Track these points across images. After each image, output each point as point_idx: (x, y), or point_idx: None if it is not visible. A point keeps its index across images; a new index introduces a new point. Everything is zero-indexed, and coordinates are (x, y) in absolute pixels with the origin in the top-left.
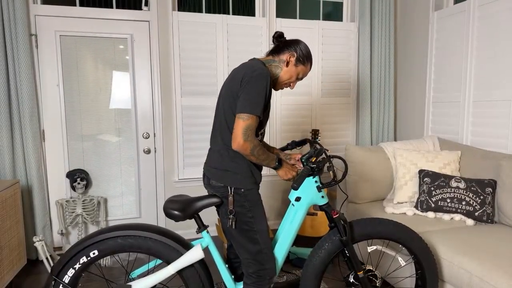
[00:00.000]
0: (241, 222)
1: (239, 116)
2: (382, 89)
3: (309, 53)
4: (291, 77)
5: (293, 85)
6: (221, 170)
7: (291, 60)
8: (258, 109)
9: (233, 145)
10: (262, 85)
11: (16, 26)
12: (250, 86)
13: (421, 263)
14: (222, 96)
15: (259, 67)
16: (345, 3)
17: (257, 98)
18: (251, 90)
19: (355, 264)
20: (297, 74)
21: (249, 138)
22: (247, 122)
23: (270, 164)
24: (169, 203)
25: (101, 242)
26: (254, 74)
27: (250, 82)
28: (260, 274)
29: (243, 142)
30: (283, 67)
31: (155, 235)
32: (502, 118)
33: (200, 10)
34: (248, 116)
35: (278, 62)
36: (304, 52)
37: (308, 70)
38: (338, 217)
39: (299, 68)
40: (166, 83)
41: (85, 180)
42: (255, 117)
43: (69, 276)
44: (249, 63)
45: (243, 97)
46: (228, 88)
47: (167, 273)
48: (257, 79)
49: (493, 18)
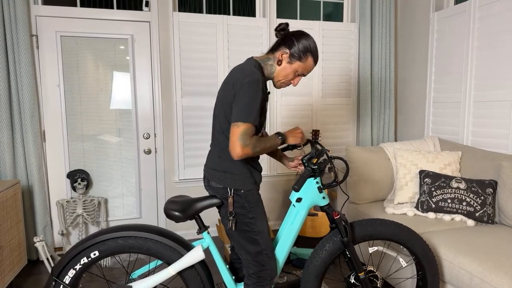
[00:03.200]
0: (242, 223)
1: (233, 125)
2: (382, 90)
3: (308, 47)
4: (287, 76)
5: (295, 82)
6: (220, 171)
7: (284, 58)
8: (251, 117)
9: (233, 154)
10: (253, 91)
11: (17, 27)
12: (242, 94)
13: (422, 264)
14: (217, 99)
15: (250, 71)
16: (345, 3)
17: (249, 105)
18: (243, 98)
19: (356, 265)
20: (294, 71)
21: (247, 142)
22: (242, 128)
23: (277, 144)
24: (170, 204)
25: (102, 243)
26: (244, 81)
27: (242, 89)
28: (260, 275)
29: (242, 148)
30: (276, 66)
31: (155, 236)
32: (502, 119)
33: (201, 10)
34: (243, 124)
35: (273, 61)
36: (301, 47)
37: (310, 65)
38: (339, 218)
39: (295, 65)
40: (166, 83)
41: (86, 181)
42: (250, 124)
43: (69, 277)
44: (241, 66)
45: (235, 105)
46: (221, 92)
47: (167, 274)
48: (248, 85)
49: (494, 18)
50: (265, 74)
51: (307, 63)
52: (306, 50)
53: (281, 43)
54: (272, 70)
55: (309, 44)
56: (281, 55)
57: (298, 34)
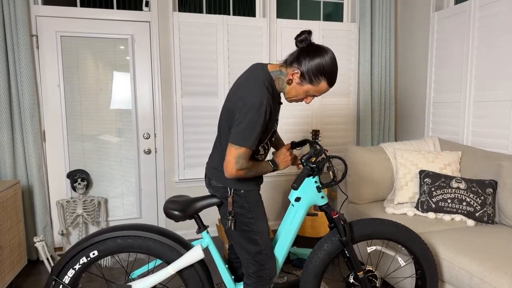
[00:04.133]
0: (241, 223)
1: (231, 145)
2: (382, 90)
3: (322, 69)
4: (297, 95)
5: (308, 101)
6: (221, 170)
7: (294, 78)
8: (249, 142)
9: (226, 173)
10: (255, 116)
11: (17, 27)
12: (243, 117)
13: (420, 263)
14: (223, 108)
15: (257, 91)
16: (345, 3)
17: (249, 130)
18: (243, 121)
19: (355, 265)
20: (304, 92)
21: (242, 166)
22: (239, 151)
23: (268, 171)
24: (169, 204)
25: (101, 243)
26: (248, 103)
27: (243, 111)
28: (260, 275)
29: (236, 170)
30: (286, 84)
31: (154, 235)
32: (502, 119)
33: (201, 10)
34: (239, 147)
35: (285, 76)
36: (314, 68)
37: (324, 89)
38: (338, 217)
39: (305, 87)
40: (166, 83)
41: (86, 181)
42: (247, 149)
43: (69, 277)
44: (251, 80)
45: (235, 126)
46: (227, 101)
47: (167, 273)
48: (250, 109)
49: (494, 18)
50: (276, 87)
51: (319, 86)
52: (319, 72)
53: (296, 58)
54: (283, 86)
55: (323, 64)
56: (292, 74)
57: (314, 51)
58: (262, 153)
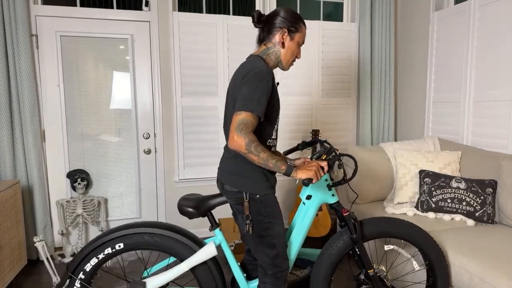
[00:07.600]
0: (258, 229)
1: (235, 114)
2: (382, 89)
3: (296, 15)
4: (293, 52)
5: (300, 54)
6: (234, 174)
7: (285, 38)
8: (253, 105)
9: (229, 143)
10: (256, 81)
11: (16, 27)
12: (247, 85)
13: (434, 270)
14: (226, 101)
15: (258, 64)
16: (345, 3)
17: (253, 94)
18: (247, 88)
19: (365, 263)
20: (297, 44)
21: (242, 132)
22: (241, 116)
23: (279, 168)
24: (183, 201)
25: (129, 236)
26: (251, 72)
27: (247, 80)
28: (277, 276)
29: (236, 136)
30: (280, 49)
31: (179, 236)
32: (502, 118)
33: (201, 10)
34: (243, 112)
35: (273, 47)
36: (291, 18)
37: (304, 31)
38: (348, 215)
39: (296, 37)
40: (166, 83)
41: (86, 181)
42: (250, 113)
43: (91, 265)
44: (248, 63)
45: (239, 97)
46: (230, 91)
47: (181, 269)
48: (254, 77)
49: (494, 18)
50: (270, 65)
51: (303, 29)
52: (296, 19)
53: (270, 27)
54: (278, 55)
55: (292, 14)
56: (281, 37)
57: (278, 12)
58: (274, 137)
